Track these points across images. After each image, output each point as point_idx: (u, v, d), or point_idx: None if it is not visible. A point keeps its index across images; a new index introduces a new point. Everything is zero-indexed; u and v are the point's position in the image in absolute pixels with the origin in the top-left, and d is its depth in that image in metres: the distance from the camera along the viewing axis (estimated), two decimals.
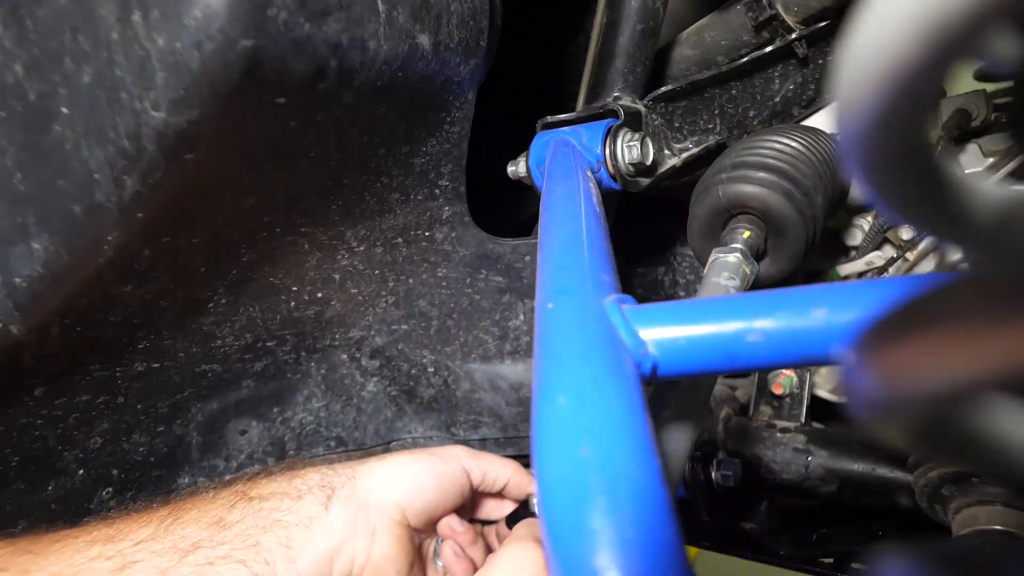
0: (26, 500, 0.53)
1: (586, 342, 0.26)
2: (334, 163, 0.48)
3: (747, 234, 0.43)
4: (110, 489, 0.60)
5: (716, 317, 0.25)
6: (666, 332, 0.26)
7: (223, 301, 0.55)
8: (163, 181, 0.38)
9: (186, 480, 0.66)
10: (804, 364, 0.24)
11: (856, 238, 0.58)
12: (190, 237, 0.46)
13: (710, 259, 0.43)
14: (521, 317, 0.65)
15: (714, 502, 0.57)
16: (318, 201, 0.51)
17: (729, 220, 0.46)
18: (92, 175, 0.37)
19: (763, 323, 0.24)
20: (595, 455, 0.21)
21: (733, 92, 0.56)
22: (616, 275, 0.32)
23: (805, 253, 0.44)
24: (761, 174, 0.43)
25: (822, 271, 0.62)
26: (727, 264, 0.41)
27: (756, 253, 0.43)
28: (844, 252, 0.60)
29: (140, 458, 0.61)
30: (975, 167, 0.54)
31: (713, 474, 0.57)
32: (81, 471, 0.56)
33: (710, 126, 0.58)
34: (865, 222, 0.57)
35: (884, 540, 0.48)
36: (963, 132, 0.52)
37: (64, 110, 0.36)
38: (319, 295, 0.61)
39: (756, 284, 0.43)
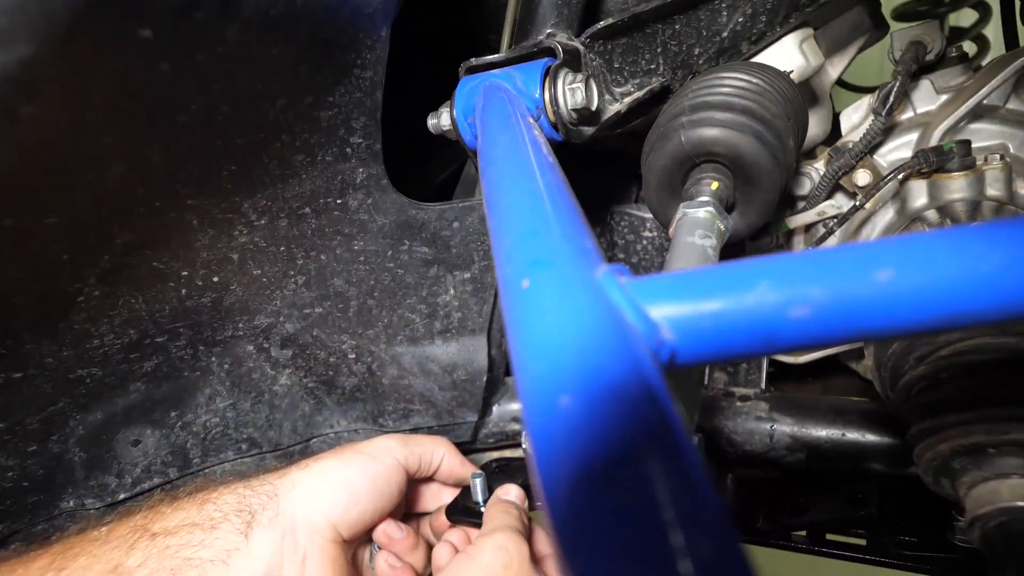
0: None
1: (586, 327, 0.20)
2: (221, 118, 0.39)
3: (715, 185, 0.39)
4: None
5: (747, 287, 0.20)
6: (683, 309, 0.21)
7: (96, 293, 0.45)
8: None
9: (71, 503, 0.56)
10: (864, 340, 0.19)
11: (805, 187, 0.55)
12: (42, 218, 0.36)
13: (677, 216, 0.38)
14: (451, 291, 0.59)
15: None
16: (206, 167, 0.42)
17: (691, 170, 0.41)
18: None
19: (810, 292, 0.19)
20: (633, 472, 0.16)
21: (677, 27, 0.51)
22: (596, 240, 0.27)
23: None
24: (728, 115, 0.39)
25: (766, 225, 0.59)
26: (698, 220, 0.37)
27: (727, 206, 0.39)
28: (790, 203, 0.57)
29: (10, 484, 0.51)
30: (928, 106, 0.52)
31: None
32: None
33: (652, 67, 0.53)
34: (814, 169, 0.55)
35: (863, 506, 0.45)
36: (920, 67, 0.50)
37: None
38: (215, 279, 0.52)
39: (724, 242, 0.39)
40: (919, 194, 0.49)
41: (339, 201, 0.51)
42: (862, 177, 0.52)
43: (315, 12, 0.37)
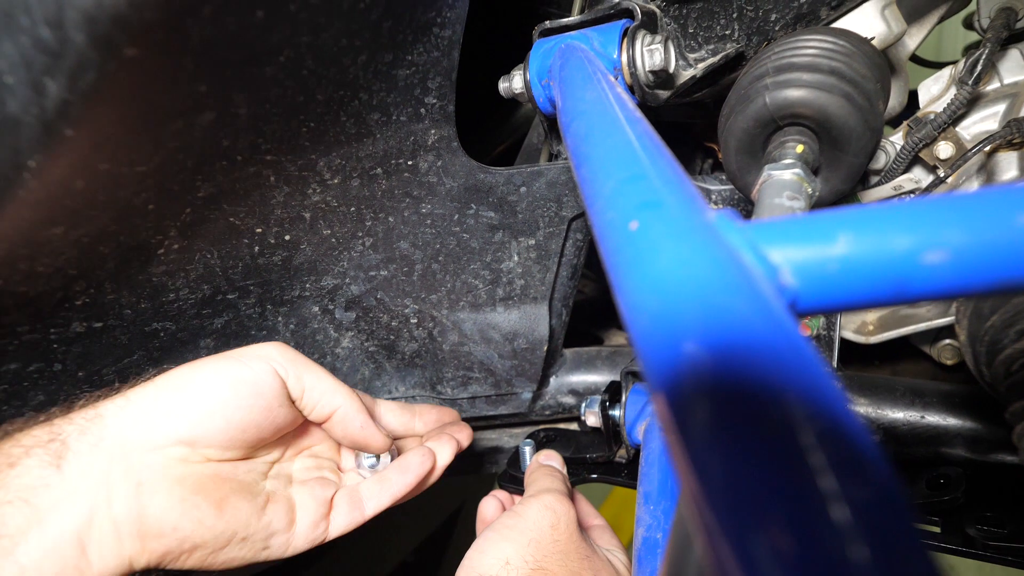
0: None
1: (706, 268, 0.20)
2: (306, 72, 0.40)
3: (800, 148, 0.38)
4: None
5: (876, 231, 0.20)
6: (807, 253, 0.20)
7: (175, 246, 0.46)
8: (97, 86, 0.29)
9: None
10: (1004, 291, 0.18)
11: (879, 160, 0.53)
12: (134, 165, 0.37)
13: (761, 178, 0.37)
14: (515, 258, 0.59)
15: None
16: (287, 122, 0.43)
17: (774, 133, 0.40)
18: (1, 78, 0.28)
19: (946, 236, 0.19)
20: (780, 426, 0.15)
21: None
22: (697, 189, 0.26)
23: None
24: (815, 76, 0.38)
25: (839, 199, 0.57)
26: (785, 182, 0.36)
27: (812, 170, 0.38)
28: (862, 177, 0.55)
29: None
30: (1016, 76, 0.50)
31: None
32: None
33: (727, 32, 0.52)
34: (889, 142, 0.53)
35: (947, 491, 0.44)
36: (1010, 34, 0.47)
37: None
38: (287, 238, 0.53)
39: (811, 207, 0.38)
40: (1009, 166, 0.48)
41: (410, 163, 0.51)
42: (944, 150, 0.50)
43: None
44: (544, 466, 0.54)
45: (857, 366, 0.66)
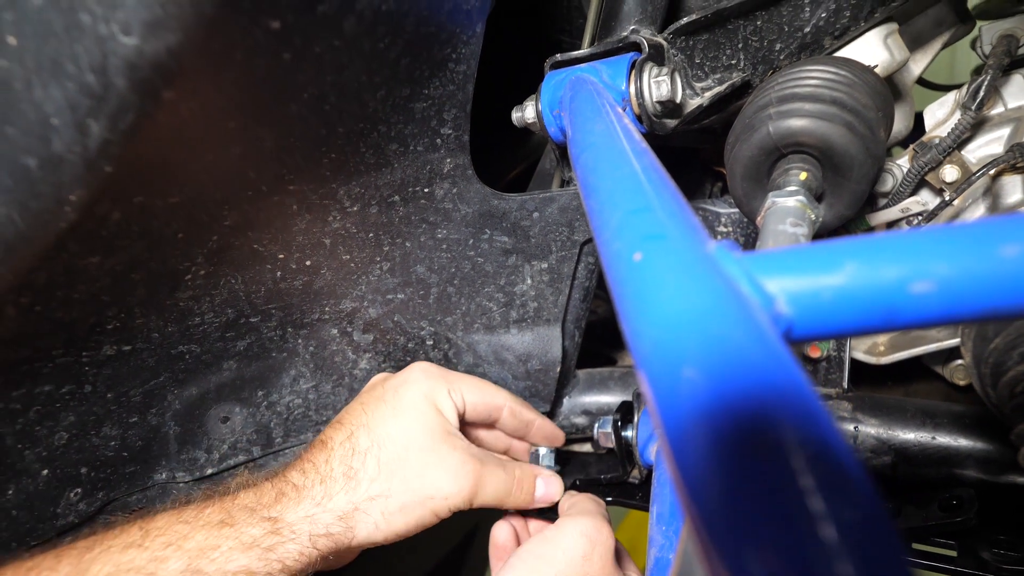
0: None
1: (705, 297, 0.21)
2: (329, 107, 0.42)
3: (804, 175, 0.39)
4: (79, 490, 0.53)
5: (866, 261, 0.21)
6: (801, 283, 0.22)
7: (202, 272, 0.48)
8: (136, 126, 0.31)
9: (163, 475, 0.60)
10: (988, 318, 0.20)
11: (887, 184, 0.54)
12: (166, 197, 0.39)
13: (766, 205, 0.39)
14: (528, 281, 0.60)
15: None
16: (309, 153, 0.45)
17: (778, 161, 0.42)
18: (48, 120, 0.30)
19: (933, 267, 0.20)
20: (768, 440, 0.17)
21: (759, 23, 0.51)
22: (700, 220, 0.27)
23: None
24: (817, 106, 0.39)
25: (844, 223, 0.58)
26: (788, 209, 0.37)
27: (815, 197, 0.39)
28: (870, 201, 0.56)
29: (112, 453, 0.55)
30: (1020, 101, 0.51)
31: None
32: (45, 471, 0.49)
33: (733, 62, 0.53)
34: (896, 166, 0.54)
35: (959, 512, 0.44)
36: (1012, 60, 0.49)
37: (10, 40, 0.29)
38: (308, 263, 0.55)
39: (815, 233, 0.39)
40: (1013, 190, 0.48)
41: (426, 190, 0.53)
42: (950, 173, 0.51)
43: (420, 8, 0.39)
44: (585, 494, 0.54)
45: (870, 386, 0.66)
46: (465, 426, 0.53)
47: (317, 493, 0.44)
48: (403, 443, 0.46)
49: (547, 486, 0.53)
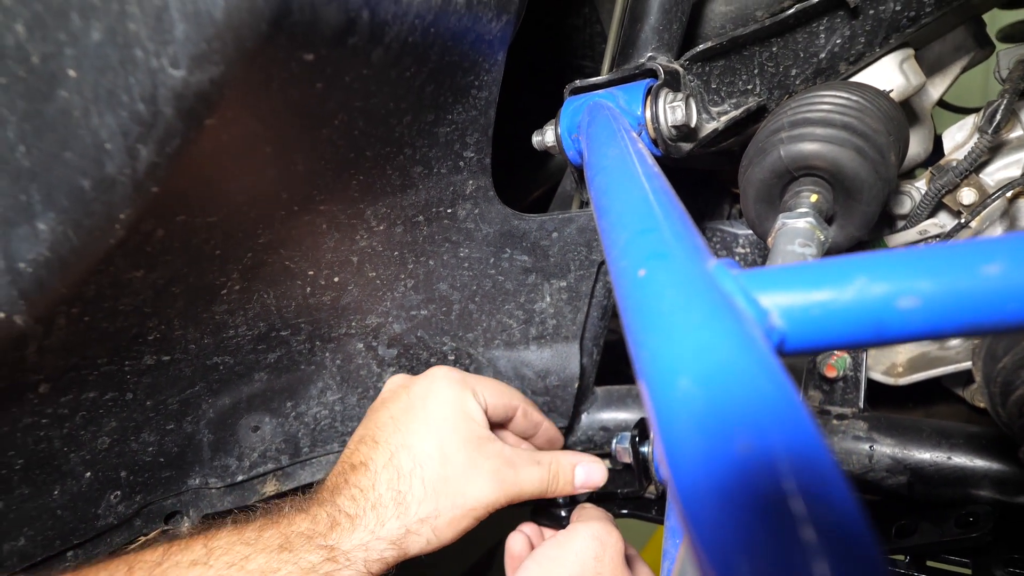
0: (30, 507, 0.49)
1: (700, 311, 0.23)
2: (357, 132, 0.44)
3: (815, 198, 0.40)
4: (118, 493, 0.56)
5: (856, 278, 0.22)
6: (793, 299, 0.23)
7: (237, 287, 0.51)
8: (181, 150, 0.34)
9: (196, 481, 0.62)
10: (971, 334, 0.21)
11: (905, 206, 0.55)
12: (206, 216, 0.41)
13: (776, 226, 0.40)
14: (547, 299, 0.62)
15: None
16: (339, 176, 0.47)
17: (790, 183, 0.43)
18: (103, 145, 0.33)
19: (918, 284, 0.21)
20: (755, 445, 0.18)
21: (774, 49, 0.53)
22: (704, 240, 0.29)
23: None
24: (828, 130, 0.40)
25: (864, 243, 0.59)
26: (798, 230, 0.38)
27: (825, 219, 0.40)
28: (889, 223, 0.57)
29: (149, 459, 0.57)
30: None
31: None
32: (88, 473, 0.52)
33: (749, 87, 0.55)
34: (915, 188, 0.54)
35: (976, 527, 0.44)
36: None
37: (71, 73, 0.32)
38: (336, 280, 0.57)
39: (824, 254, 0.40)
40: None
41: (449, 210, 0.56)
42: (967, 196, 0.51)
43: (444, 39, 0.42)
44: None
45: (891, 409, 0.66)
46: None
47: (370, 521, 0.46)
48: (442, 460, 0.48)
49: (588, 473, 0.55)
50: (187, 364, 0.54)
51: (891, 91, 0.52)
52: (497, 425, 0.57)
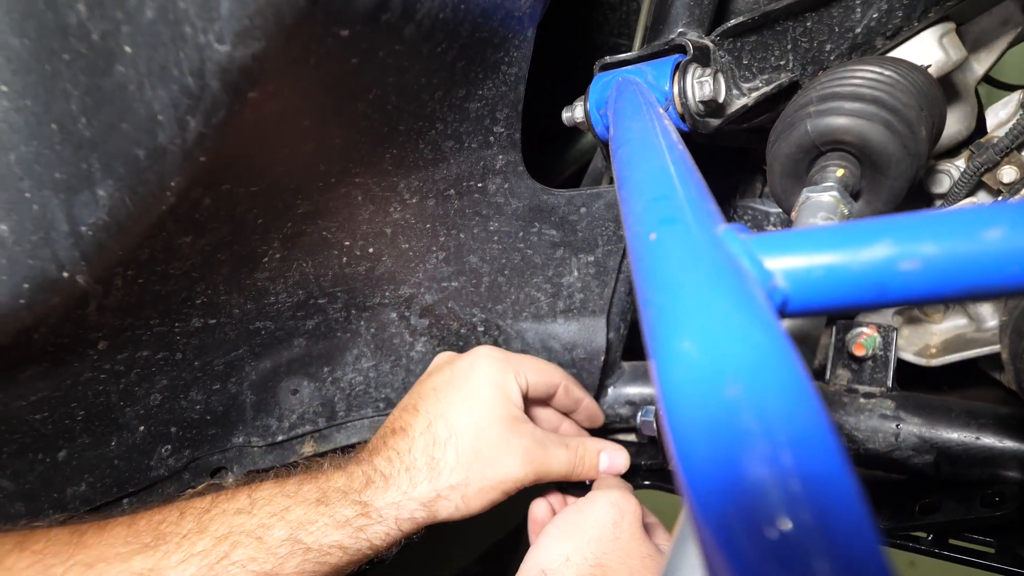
0: (90, 455, 0.52)
1: (706, 274, 0.24)
2: (391, 107, 0.46)
3: (841, 172, 0.40)
4: (169, 447, 0.60)
5: (859, 242, 0.23)
6: (797, 261, 0.24)
7: (277, 256, 0.54)
8: (226, 121, 0.36)
9: (240, 439, 0.66)
10: (972, 296, 0.21)
11: (943, 184, 0.54)
12: (249, 185, 0.44)
13: (799, 199, 0.40)
14: (575, 273, 0.63)
15: None
16: (373, 149, 0.49)
17: (817, 158, 0.43)
18: (156, 116, 0.35)
19: (920, 247, 0.22)
20: (746, 399, 0.19)
21: (808, 24, 0.52)
22: (718, 208, 0.30)
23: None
24: (856, 104, 0.40)
25: None
26: (822, 204, 0.39)
27: (852, 193, 0.40)
28: (927, 201, 0.56)
29: (196, 416, 0.61)
30: None
31: None
32: (142, 427, 0.56)
33: (781, 63, 0.54)
34: (954, 167, 0.54)
35: (1002, 506, 0.44)
36: None
37: (127, 49, 0.34)
38: (371, 250, 0.59)
39: None
40: None
41: (480, 184, 0.57)
42: (1008, 174, 0.50)
43: (474, 15, 0.43)
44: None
45: (924, 389, 0.65)
46: (527, 405, 0.57)
47: (403, 481, 0.49)
48: (476, 433, 0.51)
49: (611, 458, 0.57)
50: (231, 328, 0.57)
51: (929, 66, 0.51)
52: (540, 402, 0.59)
